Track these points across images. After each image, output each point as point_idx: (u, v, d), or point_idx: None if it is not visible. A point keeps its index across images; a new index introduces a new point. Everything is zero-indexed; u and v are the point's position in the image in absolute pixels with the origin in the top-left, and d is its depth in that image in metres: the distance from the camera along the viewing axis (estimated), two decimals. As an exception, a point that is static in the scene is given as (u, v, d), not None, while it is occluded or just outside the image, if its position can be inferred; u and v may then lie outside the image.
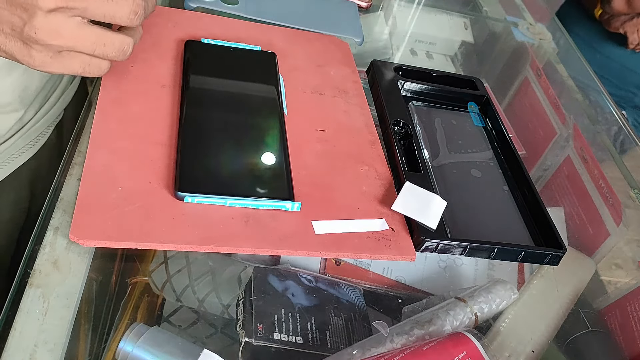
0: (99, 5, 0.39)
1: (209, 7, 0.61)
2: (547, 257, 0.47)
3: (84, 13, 0.39)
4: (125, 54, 0.43)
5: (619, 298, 0.56)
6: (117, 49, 0.42)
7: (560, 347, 0.51)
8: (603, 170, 0.62)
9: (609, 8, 1.20)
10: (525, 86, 0.81)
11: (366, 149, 0.52)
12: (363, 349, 0.43)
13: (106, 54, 0.42)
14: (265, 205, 0.42)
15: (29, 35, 0.38)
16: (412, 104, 0.59)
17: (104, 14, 0.40)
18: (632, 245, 0.60)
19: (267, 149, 0.46)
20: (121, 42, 0.42)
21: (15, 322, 0.35)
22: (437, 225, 0.45)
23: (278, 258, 0.51)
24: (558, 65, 0.84)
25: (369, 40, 0.76)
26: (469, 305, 0.48)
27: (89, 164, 0.41)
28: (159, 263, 0.50)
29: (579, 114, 0.74)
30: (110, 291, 0.48)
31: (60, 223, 0.40)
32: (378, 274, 0.53)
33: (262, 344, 0.42)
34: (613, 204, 0.59)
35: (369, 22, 0.77)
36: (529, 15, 0.96)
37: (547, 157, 0.73)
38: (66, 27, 0.39)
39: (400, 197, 0.46)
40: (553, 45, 0.90)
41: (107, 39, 0.41)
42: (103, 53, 0.42)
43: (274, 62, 0.56)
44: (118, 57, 0.43)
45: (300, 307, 0.46)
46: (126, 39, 0.43)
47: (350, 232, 0.43)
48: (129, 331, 0.41)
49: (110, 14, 0.40)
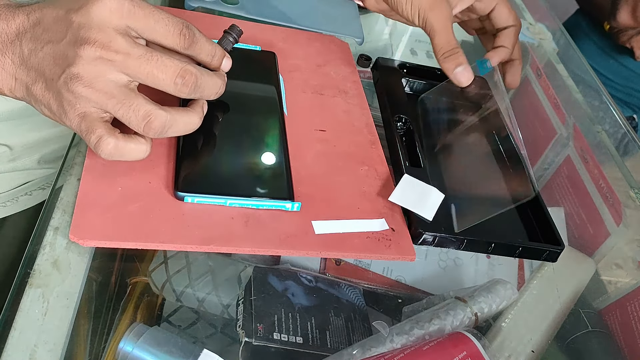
0: (141, 62, 0.37)
1: (209, 7, 0.61)
2: (545, 253, 0.47)
3: (126, 68, 0.37)
4: (158, 133, 0.39)
5: (619, 298, 0.56)
6: (160, 125, 0.38)
7: (560, 347, 0.51)
8: (603, 170, 0.62)
9: (615, 22, 1.20)
10: (525, 86, 0.81)
11: (366, 149, 0.52)
12: (363, 349, 0.43)
13: (139, 126, 0.38)
14: (265, 205, 0.42)
15: (69, 76, 0.37)
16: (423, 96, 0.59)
17: (147, 73, 0.37)
18: (632, 245, 0.60)
19: (267, 149, 0.46)
20: (165, 116, 0.38)
21: (15, 322, 0.35)
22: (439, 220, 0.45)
23: (278, 258, 0.51)
24: (558, 65, 0.84)
25: (369, 40, 0.76)
26: (469, 305, 0.48)
27: (89, 164, 0.41)
28: (159, 263, 0.50)
29: (579, 114, 0.74)
30: (110, 291, 0.48)
31: (60, 223, 0.40)
32: (378, 274, 0.53)
33: (262, 344, 0.42)
34: (613, 204, 0.59)
35: (369, 22, 0.77)
36: (529, 15, 0.96)
37: (547, 157, 0.73)
38: (104, 81, 0.37)
39: (397, 188, 0.46)
40: (553, 45, 0.90)
41: (148, 108, 0.38)
42: (136, 123, 0.38)
43: (274, 62, 0.56)
44: (155, 132, 0.38)
45: (300, 307, 0.46)
46: (173, 116, 0.39)
47: (350, 232, 0.43)
48: (128, 331, 0.41)
49: (153, 74, 0.38)
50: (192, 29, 0.40)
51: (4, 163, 0.56)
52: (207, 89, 0.40)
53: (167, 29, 0.39)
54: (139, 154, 0.39)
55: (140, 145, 0.39)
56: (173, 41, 0.39)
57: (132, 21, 0.38)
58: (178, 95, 0.39)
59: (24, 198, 0.60)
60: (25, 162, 0.58)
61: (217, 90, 0.42)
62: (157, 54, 0.38)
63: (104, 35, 0.37)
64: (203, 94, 0.41)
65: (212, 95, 0.42)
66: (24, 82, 0.38)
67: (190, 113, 0.40)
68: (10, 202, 0.59)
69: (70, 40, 0.37)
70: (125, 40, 0.37)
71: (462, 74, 0.54)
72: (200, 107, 0.42)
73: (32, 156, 0.58)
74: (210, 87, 0.41)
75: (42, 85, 0.38)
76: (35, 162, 0.58)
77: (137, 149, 0.39)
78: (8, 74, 0.38)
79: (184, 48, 0.40)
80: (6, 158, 0.56)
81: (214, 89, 0.41)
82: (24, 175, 0.59)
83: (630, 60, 1.29)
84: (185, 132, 0.41)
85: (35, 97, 0.38)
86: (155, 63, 0.37)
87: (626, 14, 1.17)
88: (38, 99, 0.38)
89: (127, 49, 0.37)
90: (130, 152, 0.38)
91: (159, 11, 0.38)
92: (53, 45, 0.37)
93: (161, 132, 0.38)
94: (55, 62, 0.37)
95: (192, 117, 0.40)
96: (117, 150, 0.38)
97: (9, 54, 0.38)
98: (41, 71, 0.37)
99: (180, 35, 0.39)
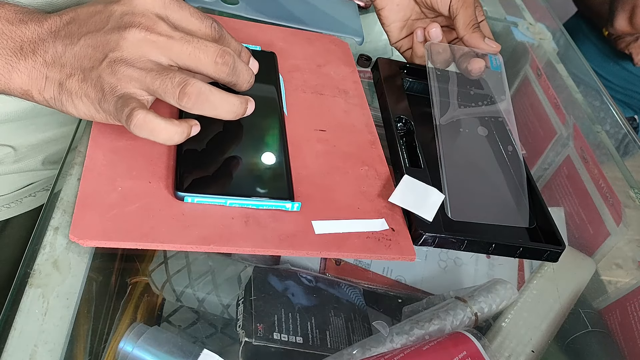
0: (182, 43, 0.39)
1: (209, 7, 0.61)
2: (546, 254, 0.47)
3: (169, 49, 0.39)
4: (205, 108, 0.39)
5: (619, 298, 0.56)
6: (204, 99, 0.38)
7: (560, 347, 0.51)
8: (603, 170, 0.62)
9: (612, 29, 1.21)
10: (525, 86, 0.81)
11: (366, 149, 0.52)
12: (363, 349, 0.43)
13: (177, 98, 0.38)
14: (265, 205, 0.42)
15: (113, 59, 0.38)
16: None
17: (189, 53, 0.39)
18: (632, 245, 0.60)
19: (267, 149, 0.46)
20: (227, 99, 0.40)
21: (15, 322, 0.35)
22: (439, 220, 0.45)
23: (278, 258, 0.51)
24: (558, 65, 0.84)
25: (369, 40, 0.76)
26: (469, 305, 0.48)
27: (89, 164, 0.41)
28: (159, 263, 0.50)
29: (579, 114, 0.74)
30: (110, 291, 0.48)
31: (60, 223, 0.40)
32: (378, 274, 0.53)
33: (262, 344, 0.42)
34: (613, 204, 0.59)
35: (369, 22, 0.77)
36: (529, 15, 0.96)
37: (547, 157, 0.73)
38: (146, 61, 0.38)
39: (397, 189, 0.46)
40: (553, 45, 0.90)
41: (184, 75, 0.38)
42: (174, 96, 0.38)
43: (274, 62, 0.56)
44: (192, 107, 0.39)
45: (300, 307, 0.46)
46: (231, 98, 0.40)
47: (350, 232, 0.43)
48: (129, 331, 0.41)
49: (195, 54, 0.39)
50: (219, 24, 0.43)
51: (8, 164, 0.56)
52: (242, 75, 0.42)
53: (200, 21, 0.41)
54: (169, 135, 0.38)
55: (172, 126, 0.38)
56: (206, 31, 0.41)
57: (170, 11, 0.40)
58: (217, 75, 0.40)
59: (28, 199, 0.60)
60: (29, 163, 0.58)
61: (249, 79, 0.43)
62: (196, 37, 0.40)
63: (148, 19, 0.39)
64: (239, 80, 0.42)
65: (245, 84, 0.43)
66: (56, 79, 0.39)
67: (230, 94, 0.40)
68: (14, 204, 0.59)
69: (114, 27, 0.38)
70: (167, 24, 0.39)
71: (489, 44, 0.58)
72: (242, 97, 0.42)
73: (37, 157, 0.58)
74: (244, 73, 0.42)
75: (79, 77, 0.38)
76: (40, 163, 0.58)
77: (167, 129, 0.38)
78: (39, 74, 0.39)
79: (214, 39, 0.42)
80: (10, 159, 0.56)
81: (247, 76, 0.43)
82: (28, 177, 0.59)
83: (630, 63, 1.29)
84: (224, 112, 0.40)
85: (69, 90, 0.39)
86: (197, 44, 0.39)
87: (623, 21, 1.18)
88: (73, 92, 0.39)
89: (169, 32, 0.39)
90: (160, 130, 0.38)
91: (192, 6, 0.42)
92: (92, 35, 0.38)
93: (196, 100, 0.38)
94: (96, 49, 0.38)
95: (232, 97, 0.40)
96: (147, 123, 0.37)
97: (40, 53, 0.39)
98: (78, 64, 0.38)
99: (212, 27, 0.42)
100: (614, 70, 1.33)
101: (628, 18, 1.17)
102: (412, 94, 0.60)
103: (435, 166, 0.50)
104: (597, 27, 1.34)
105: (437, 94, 0.56)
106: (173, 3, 0.40)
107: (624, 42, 1.26)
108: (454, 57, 0.59)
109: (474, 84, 0.59)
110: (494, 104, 0.58)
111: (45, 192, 0.61)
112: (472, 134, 0.56)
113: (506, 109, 0.57)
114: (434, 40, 0.60)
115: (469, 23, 0.57)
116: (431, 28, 0.59)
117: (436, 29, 0.59)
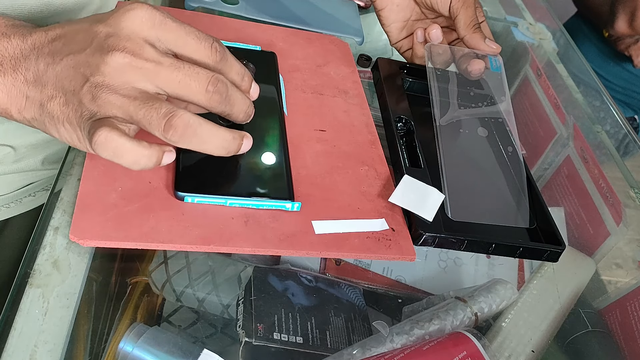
0: (172, 70, 0.36)
1: (209, 7, 0.61)
2: (546, 254, 0.47)
3: (156, 77, 0.36)
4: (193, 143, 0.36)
5: (619, 298, 0.56)
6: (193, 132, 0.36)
7: (560, 347, 0.51)
8: (603, 170, 0.62)
9: (613, 31, 1.22)
10: (525, 86, 0.81)
11: (366, 149, 0.52)
12: (363, 349, 0.43)
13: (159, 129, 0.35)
14: (265, 205, 0.42)
15: (94, 84, 0.35)
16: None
17: (179, 81, 0.36)
18: (632, 245, 0.60)
19: (267, 149, 0.46)
20: (221, 135, 0.37)
21: (15, 322, 0.35)
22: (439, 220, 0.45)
23: (278, 258, 0.51)
24: (558, 65, 0.84)
25: (369, 40, 0.76)
26: (469, 305, 0.48)
27: (89, 164, 0.41)
28: (159, 263, 0.50)
29: (579, 114, 0.74)
30: (110, 291, 0.48)
31: (60, 223, 0.40)
32: (378, 274, 0.53)
33: (262, 344, 0.42)
34: (613, 204, 0.59)
35: (369, 22, 0.77)
36: (529, 15, 0.96)
37: (547, 157, 0.73)
38: (131, 88, 0.35)
39: (397, 189, 0.46)
40: (553, 45, 0.90)
41: (172, 107, 0.35)
42: (160, 129, 0.35)
43: (274, 62, 0.56)
44: (180, 140, 0.36)
45: (300, 307, 0.46)
46: (226, 133, 0.37)
47: (350, 232, 0.43)
48: (129, 331, 0.41)
49: (185, 82, 0.36)
50: (222, 45, 0.39)
51: (8, 164, 0.55)
52: (237, 105, 0.39)
53: (198, 42, 0.37)
54: (134, 157, 0.35)
55: (139, 148, 0.35)
56: (204, 54, 0.38)
57: (163, 32, 0.37)
58: (209, 105, 0.37)
59: (28, 199, 0.60)
60: (29, 163, 0.57)
61: (246, 109, 0.40)
62: (187, 63, 0.36)
63: (134, 43, 0.35)
64: (233, 110, 0.39)
65: (241, 114, 0.40)
66: (37, 100, 0.36)
67: (221, 128, 0.37)
68: (14, 204, 0.59)
69: (96, 49, 0.35)
70: (155, 50, 0.36)
71: (490, 45, 0.57)
72: (236, 132, 0.39)
73: (36, 157, 0.58)
74: (240, 102, 0.39)
75: (60, 100, 0.36)
76: (39, 163, 0.58)
77: (132, 150, 0.35)
78: (19, 92, 0.36)
79: (215, 62, 0.38)
80: (10, 159, 0.56)
81: (243, 106, 0.39)
82: (28, 177, 0.59)
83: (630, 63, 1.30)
84: (213, 147, 0.38)
85: (51, 114, 0.36)
86: (187, 71, 0.36)
87: (623, 23, 1.19)
88: (55, 116, 0.36)
89: (157, 58, 0.36)
90: (125, 151, 0.35)
91: (190, 25, 0.38)
92: (74, 56, 0.36)
93: (183, 133, 0.35)
94: (77, 71, 0.35)
95: (223, 132, 0.37)
96: (109, 141, 0.34)
97: (21, 71, 0.36)
98: (59, 85, 0.36)
99: (212, 48, 0.38)
100: (614, 70, 1.33)
101: (628, 20, 1.18)
102: (412, 94, 0.60)
103: (435, 166, 0.50)
104: (597, 28, 1.34)
105: (437, 95, 0.56)
106: (165, 22, 0.37)
107: (623, 43, 1.26)
108: (453, 58, 0.59)
109: (474, 85, 0.59)
110: (494, 104, 0.58)
111: (45, 192, 0.61)
112: (472, 135, 0.56)
113: (506, 109, 0.57)
114: (434, 41, 0.60)
115: (470, 23, 0.57)
116: (431, 29, 0.59)
117: (436, 30, 0.59)
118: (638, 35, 1.22)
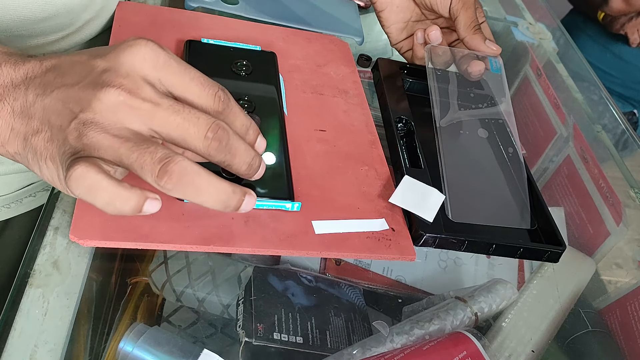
0: (170, 113, 0.33)
1: (209, 7, 0.61)
2: (546, 254, 0.47)
3: (151, 119, 0.33)
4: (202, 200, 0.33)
5: (619, 298, 0.56)
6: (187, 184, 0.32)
7: (560, 347, 0.51)
8: (603, 170, 0.62)
9: (608, 9, 1.22)
10: (525, 86, 0.81)
11: (366, 149, 0.52)
12: (363, 349, 0.43)
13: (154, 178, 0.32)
14: (265, 205, 0.42)
15: (82, 120, 0.32)
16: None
17: (177, 125, 0.33)
18: (632, 245, 0.60)
19: (267, 149, 0.46)
20: (220, 188, 0.33)
21: (15, 322, 0.35)
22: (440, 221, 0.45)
23: (278, 258, 0.51)
24: (558, 65, 0.84)
25: (369, 40, 0.76)
26: (469, 305, 0.48)
27: (89, 164, 0.41)
28: (159, 263, 0.50)
29: (579, 113, 0.74)
30: (110, 291, 0.48)
31: (60, 223, 0.40)
32: (378, 273, 0.53)
33: (262, 344, 0.42)
34: (613, 204, 0.59)
35: (369, 22, 0.77)
36: (529, 15, 0.96)
37: (547, 157, 0.73)
38: (123, 129, 0.32)
39: (398, 190, 0.46)
40: (553, 45, 0.90)
41: (168, 151, 0.32)
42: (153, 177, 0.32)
43: (274, 62, 0.56)
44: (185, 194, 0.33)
45: (300, 307, 0.46)
46: (221, 185, 0.33)
47: (350, 232, 0.43)
48: (129, 331, 0.41)
49: (183, 126, 0.33)
50: (228, 94, 0.36)
51: (8, 165, 0.55)
52: (239, 155, 0.35)
53: (201, 88, 0.35)
54: (109, 198, 0.31)
55: (117, 188, 0.31)
56: (207, 102, 0.35)
57: (165, 74, 0.34)
58: (207, 152, 0.34)
59: (28, 200, 0.60)
60: None
61: (249, 160, 0.36)
62: (187, 107, 0.34)
63: (131, 81, 0.33)
64: (234, 160, 0.35)
65: (243, 166, 0.36)
66: (21, 132, 0.34)
67: (221, 179, 0.34)
68: (14, 204, 0.59)
69: (89, 83, 0.33)
70: (154, 90, 0.33)
71: (490, 46, 0.57)
72: (237, 186, 0.35)
73: None
74: (242, 153, 0.35)
75: (46, 135, 0.33)
76: None
77: (108, 190, 0.31)
78: (5, 123, 0.34)
79: (217, 112, 0.35)
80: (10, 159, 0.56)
81: (247, 157, 0.36)
82: (28, 177, 0.58)
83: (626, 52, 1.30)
84: (210, 200, 0.34)
85: (34, 149, 0.33)
86: (187, 115, 0.33)
87: (618, 1, 1.19)
88: (38, 152, 0.33)
89: (155, 98, 0.33)
90: (99, 190, 0.31)
91: (195, 69, 0.35)
92: (66, 89, 0.33)
93: (178, 181, 0.32)
94: (65, 106, 0.33)
95: (224, 184, 0.34)
96: (84, 177, 0.31)
97: (9, 101, 0.34)
98: (46, 119, 0.33)
99: (215, 97, 0.35)
100: (611, 61, 1.34)
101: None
102: (413, 94, 0.60)
103: (436, 167, 0.50)
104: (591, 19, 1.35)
105: (437, 95, 0.56)
106: (169, 64, 0.34)
107: (618, 23, 1.26)
108: (453, 60, 0.59)
109: (474, 86, 0.59)
110: (494, 105, 0.58)
111: (45, 192, 0.61)
112: (472, 136, 0.56)
113: (506, 110, 0.57)
114: (433, 42, 0.60)
115: (470, 24, 0.57)
116: (431, 31, 0.59)
117: (436, 31, 0.59)
118: (634, 11, 1.22)
